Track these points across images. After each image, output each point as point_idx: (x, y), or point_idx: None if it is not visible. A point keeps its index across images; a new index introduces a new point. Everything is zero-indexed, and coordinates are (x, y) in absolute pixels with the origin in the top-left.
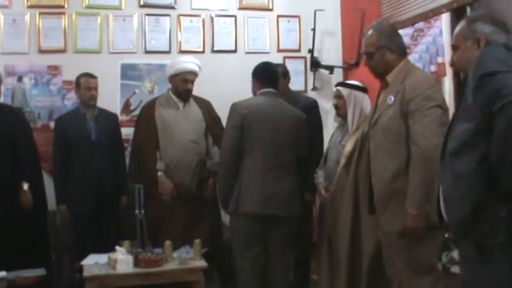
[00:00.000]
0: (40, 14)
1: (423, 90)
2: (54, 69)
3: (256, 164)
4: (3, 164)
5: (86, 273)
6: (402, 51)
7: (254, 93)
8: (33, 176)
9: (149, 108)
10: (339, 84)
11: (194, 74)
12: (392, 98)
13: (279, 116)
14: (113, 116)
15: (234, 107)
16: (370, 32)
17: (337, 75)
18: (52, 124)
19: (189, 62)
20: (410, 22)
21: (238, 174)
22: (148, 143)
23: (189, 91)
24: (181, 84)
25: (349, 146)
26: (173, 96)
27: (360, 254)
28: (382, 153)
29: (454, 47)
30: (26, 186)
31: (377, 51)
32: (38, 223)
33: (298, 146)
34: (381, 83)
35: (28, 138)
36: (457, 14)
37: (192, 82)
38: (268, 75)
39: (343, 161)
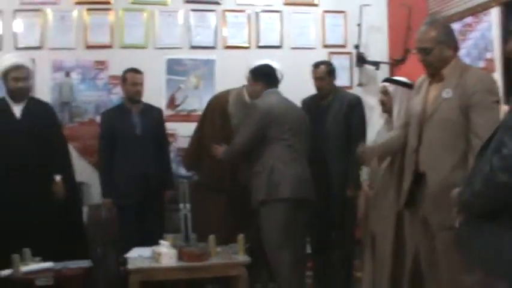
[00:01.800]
0: (87, 10)
1: (486, 85)
2: (101, 64)
3: (285, 153)
4: (34, 156)
5: (131, 265)
6: (456, 47)
7: (255, 93)
8: (65, 168)
9: (223, 100)
10: (385, 80)
11: None
12: (450, 92)
13: (296, 111)
14: (158, 111)
15: (258, 108)
16: (427, 28)
17: (383, 71)
18: (98, 118)
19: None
20: (459, 17)
21: (263, 162)
22: (218, 136)
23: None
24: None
25: None
26: (246, 95)
27: (403, 253)
28: (439, 146)
29: None
30: (58, 178)
31: (436, 46)
32: (72, 215)
33: (310, 137)
34: (432, 78)
35: (58, 130)
36: (508, 8)
37: None
38: (273, 78)
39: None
